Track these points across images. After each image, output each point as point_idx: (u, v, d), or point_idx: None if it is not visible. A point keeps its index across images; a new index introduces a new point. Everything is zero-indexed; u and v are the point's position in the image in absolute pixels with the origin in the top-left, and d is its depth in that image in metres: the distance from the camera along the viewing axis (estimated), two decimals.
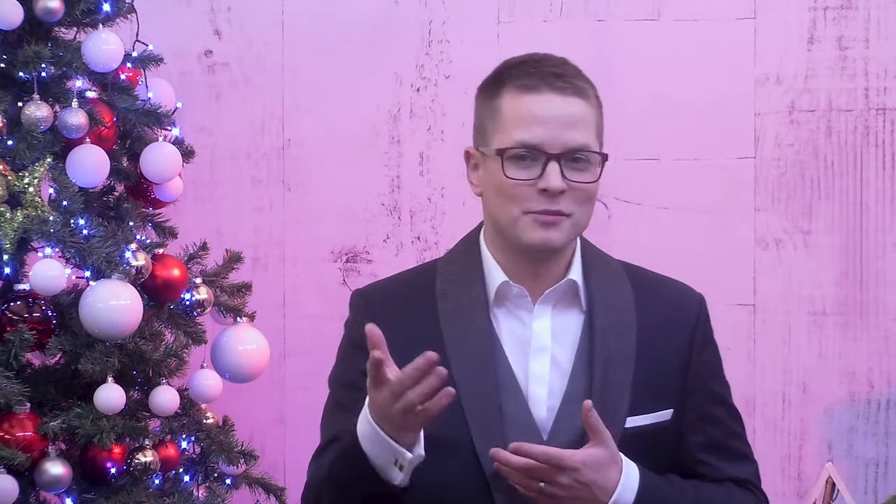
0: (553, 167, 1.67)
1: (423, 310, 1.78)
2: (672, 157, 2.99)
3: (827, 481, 2.59)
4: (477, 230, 1.84)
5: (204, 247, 2.70)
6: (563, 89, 1.70)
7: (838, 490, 2.57)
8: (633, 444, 1.72)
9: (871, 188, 2.96)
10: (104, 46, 2.45)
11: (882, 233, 2.96)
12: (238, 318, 2.65)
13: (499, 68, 1.80)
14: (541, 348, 1.75)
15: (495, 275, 1.77)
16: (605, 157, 1.72)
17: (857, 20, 2.96)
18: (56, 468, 2.32)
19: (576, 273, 1.77)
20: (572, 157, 1.69)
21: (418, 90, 3.07)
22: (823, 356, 2.98)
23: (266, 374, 2.71)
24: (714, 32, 2.99)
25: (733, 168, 2.99)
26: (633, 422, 1.73)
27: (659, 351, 1.77)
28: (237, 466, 2.62)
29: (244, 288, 2.71)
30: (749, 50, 2.98)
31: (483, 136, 1.76)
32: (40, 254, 2.36)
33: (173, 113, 2.62)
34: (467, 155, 1.81)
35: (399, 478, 1.64)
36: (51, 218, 2.34)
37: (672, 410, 1.77)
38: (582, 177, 1.70)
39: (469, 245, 1.83)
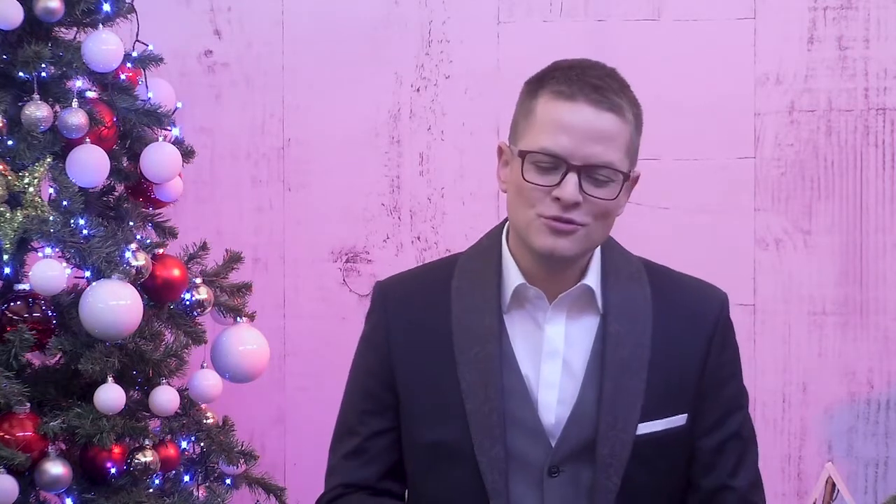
0: (571, 178, 1.65)
1: (437, 307, 1.77)
2: (672, 157, 2.99)
3: (827, 481, 2.58)
4: (501, 226, 1.82)
5: (204, 247, 2.70)
6: (597, 102, 1.66)
7: (838, 490, 2.57)
8: (644, 450, 1.71)
9: (871, 188, 2.96)
10: (104, 46, 2.44)
11: (882, 233, 2.96)
12: (238, 318, 2.64)
13: (547, 68, 1.75)
14: (552, 352, 1.74)
15: (513, 276, 1.75)
16: (626, 177, 1.69)
17: (857, 20, 2.96)
18: (56, 468, 2.32)
19: (592, 278, 1.75)
20: (593, 172, 1.66)
21: (418, 90, 3.07)
22: (823, 356, 2.98)
23: (266, 374, 2.70)
24: (714, 32, 2.99)
25: (733, 168, 2.99)
26: (644, 428, 1.72)
27: (674, 355, 1.75)
28: (237, 466, 2.62)
29: (244, 288, 2.71)
30: (749, 50, 2.98)
31: (515, 134, 1.74)
32: (40, 254, 2.36)
33: (173, 113, 2.62)
34: (500, 150, 1.77)
35: None
36: (51, 218, 2.34)
37: (686, 416, 1.76)
38: (600, 192, 1.66)
39: (492, 242, 1.81)
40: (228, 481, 2.67)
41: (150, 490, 2.45)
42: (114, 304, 2.31)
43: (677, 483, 1.79)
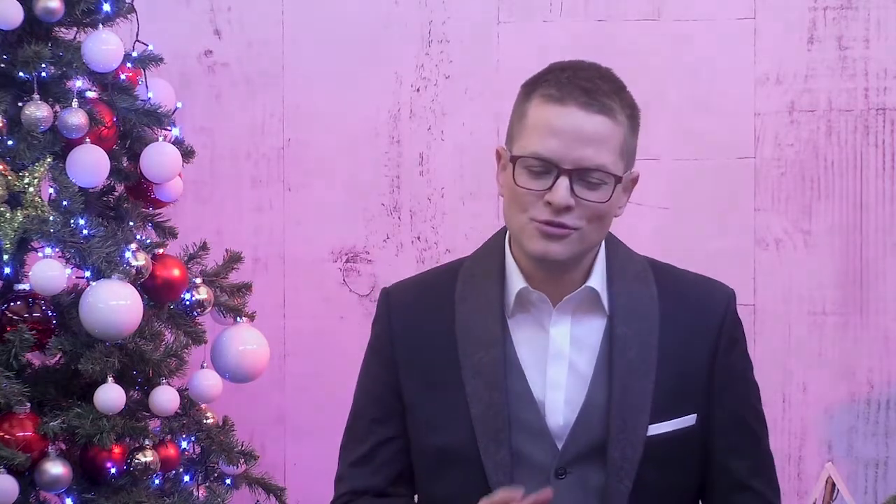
0: (562, 182, 1.64)
1: (441, 313, 1.77)
2: (672, 157, 2.99)
3: (827, 481, 2.59)
4: (504, 230, 1.81)
5: (204, 247, 2.70)
6: (587, 105, 1.65)
7: (838, 490, 2.58)
8: (656, 452, 1.70)
9: (871, 188, 2.96)
10: (104, 46, 2.44)
11: (882, 233, 2.96)
12: (238, 318, 2.64)
13: (542, 70, 1.73)
14: (558, 355, 1.73)
15: (516, 280, 1.75)
16: (618, 179, 1.67)
17: (857, 20, 2.96)
18: (56, 468, 2.32)
19: (596, 279, 1.75)
20: (585, 175, 1.65)
21: (418, 90, 3.07)
22: (823, 356, 2.98)
23: (266, 374, 2.71)
24: (714, 32, 2.98)
25: (733, 168, 2.99)
26: (655, 429, 1.71)
27: (682, 356, 1.74)
28: (237, 466, 2.62)
29: (244, 288, 2.71)
30: (749, 50, 2.98)
31: (510, 138, 1.73)
32: (40, 254, 2.36)
33: (173, 113, 2.62)
34: (498, 154, 1.76)
35: None
36: (51, 218, 2.34)
37: (696, 416, 1.75)
38: (592, 195, 1.65)
39: (495, 245, 1.81)
40: (228, 481, 2.67)
41: (150, 490, 2.45)
42: (114, 304, 2.31)
43: (690, 483, 1.78)
